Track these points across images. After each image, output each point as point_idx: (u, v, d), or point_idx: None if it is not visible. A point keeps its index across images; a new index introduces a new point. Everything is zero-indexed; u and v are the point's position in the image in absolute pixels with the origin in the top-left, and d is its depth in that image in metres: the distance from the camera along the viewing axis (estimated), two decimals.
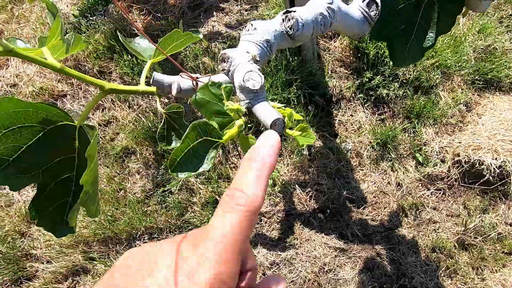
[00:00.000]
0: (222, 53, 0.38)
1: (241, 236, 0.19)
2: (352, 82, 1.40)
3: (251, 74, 0.35)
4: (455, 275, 1.10)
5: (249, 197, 0.20)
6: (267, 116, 0.33)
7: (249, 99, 0.35)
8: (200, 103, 0.37)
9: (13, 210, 1.23)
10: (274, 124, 0.33)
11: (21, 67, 1.52)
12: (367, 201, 1.24)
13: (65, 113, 0.43)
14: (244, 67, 0.36)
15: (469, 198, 1.21)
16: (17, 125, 0.42)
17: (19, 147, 0.43)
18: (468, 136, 1.22)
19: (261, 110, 0.34)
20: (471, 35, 1.41)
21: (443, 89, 1.35)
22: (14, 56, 0.37)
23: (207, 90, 0.37)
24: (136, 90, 0.45)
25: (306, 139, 0.35)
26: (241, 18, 1.56)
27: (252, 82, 0.34)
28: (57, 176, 0.48)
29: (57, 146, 0.46)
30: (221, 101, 0.37)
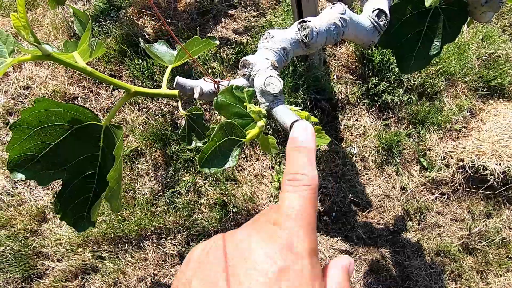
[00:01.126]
0: (244, 59, 0.41)
1: (313, 211, 0.21)
2: (357, 88, 1.43)
3: (271, 79, 0.37)
4: (460, 279, 1.11)
5: (309, 177, 0.22)
6: (287, 118, 0.35)
7: (269, 102, 0.38)
8: (221, 105, 0.40)
9: (25, 209, 1.26)
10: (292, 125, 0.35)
11: (34, 69, 1.56)
12: (372, 205, 1.26)
13: (93, 113, 0.45)
14: (264, 73, 0.39)
15: (473, 203, 1.22)
16: (48, 123, 0.45)
17: (48, 144, 0.46)
18: (472, 142, 1.24)
19: (280, 112, 0.37)
20: (475, 42, 1.44)
21: (447, 95, 1.37)
22: (51, 60, 0.40)
23: (228, 94, 0.40)
24: (159, 93, 0.47)
25: (321, 140, 0.38)
26: (248, 25, 1.60)
27: (272, 86, 0.37)
28: (80, 173, 0.50)
29: (82, 144, 0.48)
30: (242, 103, 0.40)
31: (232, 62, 1.46)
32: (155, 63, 1.47)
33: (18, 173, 0.44)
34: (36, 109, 0.43)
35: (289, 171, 0.23)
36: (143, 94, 0.47)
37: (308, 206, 0.21)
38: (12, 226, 1.22)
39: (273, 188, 1.27)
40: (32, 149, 0.45)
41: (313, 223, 0.21)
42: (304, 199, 0.21)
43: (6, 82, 1.53)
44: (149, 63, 1.46)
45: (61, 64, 0.42)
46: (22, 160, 0.44)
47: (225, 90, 0.40)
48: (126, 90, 0.46)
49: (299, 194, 0.22)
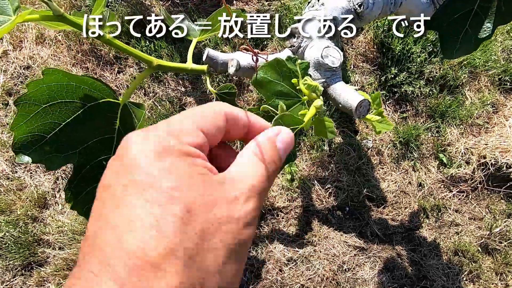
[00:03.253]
0: (293, 27, 0.34)
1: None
2: (374, 78, 1.37)
3: (329, 50, 0.31)
4: (478, 279, 1.07)
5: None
6: (351, 97, 0.29)
7: (325, 77, 0.32)
8: (261, 82, 0.34)
9: (25, 194, 1.20)
10: (359, 105, 0.29)
11: (35, 49, 1.48)
12: (387, 201, 1.21)
13: (110, 88, 0.39)
14: (320, 43, 0.32)
15: (493, 202, 1.18)
16: (58, 100, 0.39)
17: (58, 124, 0.40)
18: (495, 138, 1.19)
19: (340, 90, 0.31)
20: (500, 34, 1.37)
21: (470, 89, 1.31)
22: (62, 22, 0.34)
23: (270, 68, 0.34)
24: (185, 68, 0.41)
25: (384, 126, 0.32)
26: (262, 8, 1.52)
27: (331, 58, 0.31)
28: (93, 158, 0.45)
29: (96, 125, 0.42)
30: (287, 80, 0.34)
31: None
32: (163, 45, 1.39)
33: (24, 155, 0.38)
34: (44, 82, 0.37)
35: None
36: (166, 68, 0.41)
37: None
38: (12, 212, 1.17)
39: (284, 180, 1.22)
40: (40, 128, 0.39)
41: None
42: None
43: (5, 61, 1.46)
44: (156, 45, 1.39)
45: (75, 27, 0.35)
46: (28, 141, 0.38)
47: (267, 64, 0.34)
48: (147, 63, 0.40)
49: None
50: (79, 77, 0.38)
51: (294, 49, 0.34)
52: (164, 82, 1.42)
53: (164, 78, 1.43)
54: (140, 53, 0.40)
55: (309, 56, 0.32)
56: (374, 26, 1.36)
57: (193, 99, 1.40)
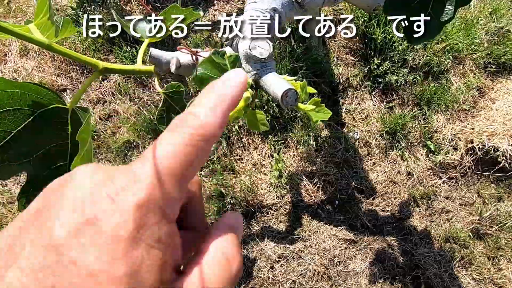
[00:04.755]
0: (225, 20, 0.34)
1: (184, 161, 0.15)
2: (359, 69, 1.36)
3: (257, 42, 0.31)
4: (470, 265, 1.06)
5: (201, 121, 0.15)
6: (277, 87, 0.29)
7: (256, 69, 0.31)
8: (202, 78, 0.34)
9: (15, 207, 1.21)
10: (285, 95, 0.29)
11: (19, 62, 1.49)
12: (377, 191, 1.20)
13: (56, 94, 0.39)
14: (250, 35, 0.32)
15: (483, 186, 1.16)
16: (5, 107, 0.39)
17: (8, 132, 0.40)
18: (481, 122, 1.17)
19: (270, 81, 0.30)
20: (483, 17, 1.35)
21: (455, 74, 1.30)
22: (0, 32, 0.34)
23: (209, 64, 0.34)
24: (132, 70, 0.41)
25: (321, 115, 0.32)
26: (242, 6, 1.51)
27: (259, 50, 0.31)
28: (49, 165, 0.44)
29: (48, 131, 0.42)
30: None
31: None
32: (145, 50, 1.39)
33: None
34: None
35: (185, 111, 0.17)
36: (114, 71, 0.41)
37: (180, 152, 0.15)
38: (3, 225, 1.17)
39: (272, 178, 1.22)
40: None
41: (176, 175, 0.15)
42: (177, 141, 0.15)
43: None
44: (138, 50, 1.39)
45: (12, 35, 0.35)
46: None
47: (206, 60, 0.33)
48: (93, 67, 0.40)
49: (175, 135, 0.15)
50: (23, 83, 0.38)
51: (229, 42, 0.34)
52: (149, 86, 1.42)
53: (149, 83, 1.43)
54: (84, 57, 0.39)
55: (240, 49, 0.31)
56: (355, 16, 1.36)
57: None
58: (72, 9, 1.52)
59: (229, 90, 0.17)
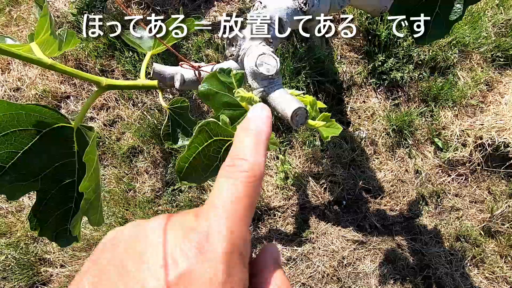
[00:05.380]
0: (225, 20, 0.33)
1: (249, 202, 0.17)
2: (363, 67, 1.34)
3: (264, 57, 0.30)
4: (482, 264, 1.05)
5: (251, 163, 0.17)
6: (287, 106, 0.28)
7: (263, 86, 0.30)
8: (207, 94, 0.33)
9: (24, 216, 1.22)
10: (295, 114, 0.28)
11: (22, 70, 1.50)
12: (384, 191, 1.19)
13: (59, 113, 0.39)
14: (256, 50, 0.31)
15: (493, 183, 1.15)
16: (11, 129, 0.39)
17: (15, 153, 0.40)
18: (491, 117, 1.15)
19: (278, 98, 0.29)
20: (490, 9, 1.32)
21: (462, 68, 1.27)
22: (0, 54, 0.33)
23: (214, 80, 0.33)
24: (135, 85, 0.40)
25: (331, 130, 0.31)
26: (243, 7, 1.50)
27: (266, 66, 0.30)
28: (57, 182, 0.44)
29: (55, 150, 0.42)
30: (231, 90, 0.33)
31: None
32: None
33: None
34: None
35: (231, 154, 0.19)
36: (117, 87, 0.40)
37: (242, 196, 0.17)
38: (12, 234, 1.18)
39: (278, 179, 1.21)
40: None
41: (245, 218, 0.16)
42: (237, 187, 0.17)
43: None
44: (140, 55, 1.39)
45: (12, 57, 0.35)
46: None
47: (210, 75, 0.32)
48: (96, 84, 0.39)
49: (233, 181, 0.17)
50: (27, 105, 0.38)
51: (234, 58, 0.33)
52: (152, 91, 1.42)
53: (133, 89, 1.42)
54: (87, 75, 0.39)
55: (246, 65, 0.31)
56: (358, 13, 1.33)
57: None
58: (72, 16, 1.51)
59: (263, 127, 0.19)
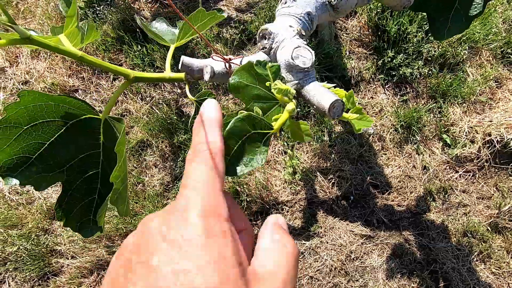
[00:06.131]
0: (263, 28, 0.33)
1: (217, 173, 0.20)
2: (371, 63, 1.34)
3: (300, 50, 0.30)
4: (489, 259, 1.06)
5: (208, 142, 0.22)
6: (324, 98, 0.29)
7: (298, 79, 0.31)
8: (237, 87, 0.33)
9: (35, 207, 1.23)
10: (332, 106, 0.28)
11: (31, 63, 1.50)
12: (392, 186, 1.19)
13: (88, 105, 0.39)
14: (291, 43, 0.31)
15: (501, 180, 1.15)
16: (39, 120, 0.39)
17: (42, 144, 0.41)
18: (499, 114, 1.15)
19: (313, 91, 0.30)
20: (500, 4, 1.32)
21: (471, 65, 1.27)
22: (30, 44, 0.33)
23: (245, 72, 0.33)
24: (163, 78, 0.41)
25: (364, 123, 0.31)
26: (251, 1, 1.49)
27: (302, 59, 0.30)
28: (81, 174, 0.45)
29: (80, 141, 0.43)
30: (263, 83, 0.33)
31: (237, 43, 1.37)
32: (155, 48, 1.39)
33: (11, 178, 0.39)
34: (22, 104, 0.37)
35: (191, 147, 0.22)
36: (144, 79, 0.41)
37: (209, 170, 0.20)
38: (23, 225, 1.20)
39: (286, 174, 1.21)
40: (25, 150, 0.39)
41: (215, 185, 0.20)
42: (202, 164, 0.21)
43: (3, 78, 1.47)
44: (149, 49, 1.38)
45: (46, 48, 0.35)
46: (14, 164, 0.39)
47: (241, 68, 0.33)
48: (124, 76, 0.40)
49: (197, 160, 0.21)
50: (57, 96, 0.38)
51: (266, 51, 0.33)
52: (160, 85, 1.42)
53: (160, 83, 1.43)
54: (116, 67, 0.39)
55: (280, 58, 0.31)
56: (367, 8, 1.33)
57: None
58: (80, 9, 1.51)
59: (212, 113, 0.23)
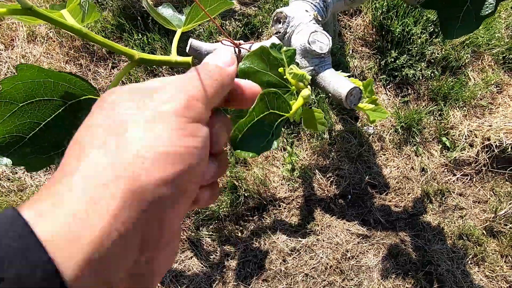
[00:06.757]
0: (278, 11, 0.32)
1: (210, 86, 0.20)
2: (374, 62, 1.33)
3: (316, 35, 0.29)
4: (483, 262, 1.06)
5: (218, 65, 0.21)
6: (340, 85, 0.27)
7: (313, 65, 0.29)
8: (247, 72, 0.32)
9: (26, 195, 1.20)
10: (350, 94, 0.27)
11: (27, 47, 1.46)
12: (390, 187, 1.19)
13: (90, 85, 0.38)
14: (307, 28, 0.30)
15: (498, 184, 1.16)
16: (36, 98, 0.37)
17: (37, 124, 0.39)
18: (499, 119, 1.16)
19: (329, 78, 0.29)
20: (504, 10, 1.32)
21: (473, 69, 1.27)
22: (32, 16, 0.32)
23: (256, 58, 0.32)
24: (169, 61, 0.39)
25: (378, 114, 0.30)
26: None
27: (319, 44, 0.29)
28: None
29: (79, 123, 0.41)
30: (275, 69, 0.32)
31: (240, 36, 1.35)
32: (156, 38, 1.36)
33: (2, 157, 0.37)
34: (20, 79, 0.35)
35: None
36: (149, 62, 0.39)
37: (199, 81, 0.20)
38: None
39: (285, 171, 1.21)
40: (19, 128, 0.37)
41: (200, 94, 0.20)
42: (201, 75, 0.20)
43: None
44: (149, 38, 1.36)
45: (47, 21, 0.33)
46: (7, 142, 0.37)
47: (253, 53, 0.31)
48: (129, 57, 0.38)
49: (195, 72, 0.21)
50: (57, 73, 0.36)
51: (280, 35, 0.32)
52: (159, 75, 1.39)
53: (159, 72, 1.40)
54: (120, 47, 0.37)
55: (295, 43, 0.30)
56: (372, 7, 1.32)
57: None
58: None
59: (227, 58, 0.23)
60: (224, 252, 1.10)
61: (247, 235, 1.12)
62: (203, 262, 1.08)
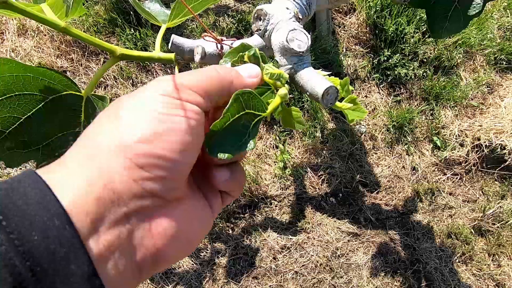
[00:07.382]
0: (258, 9, 0.32)
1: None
2: (367, 61, 1.33)
3: (295, 33, 0.29)
4: (471, 261, 1.08)
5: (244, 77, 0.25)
6: (317, 84, 0.27)
7: (292, 63, 0.29)
8: None
9: None
10: (326, 93, 0.27)
11: (17, 41, 1.44)
12: (381, 186, 1.20)
13: (71, 80, 0.37)
14: (286, 26, 0.30)
15: (487, 184, 1.17)
16: (15, 92, 0.37)
17: (17, 118, 0.38)
18: (489, 119, 1.17)
19: (307, 76, 0.28)
20: (497, 11, 1.32)
21: (465, 69, 1.28)
22: (8, 10, 0.31)
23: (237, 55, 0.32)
24: (151, 57, 0.39)
25: (357, 113, 0.30)
26: None
27: (297, 42, 0.28)
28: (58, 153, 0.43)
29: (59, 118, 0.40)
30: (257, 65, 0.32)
31: (233, 32, 1.34)
32: (149, 33, 1.35)
33: None
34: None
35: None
36: (131, 57, 0.39)
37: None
38: None
39: (277, 168, 1.21)
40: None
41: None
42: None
43: None
44: (142, 33, 1.35)
45: (25, 15, 0.33)
46: None
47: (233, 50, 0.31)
48: (110, 52, 0.38)
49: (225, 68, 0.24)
50: (36, 68, 0.36)
51: (261, 33, 0.32)
52: (152, 71, 1.38)
53: (152, 68, 1.39)
54: (100, 42, 0.37)
55: (275, 40, 0.29)
56: (366, 6, 1.32)
57: None
58: None
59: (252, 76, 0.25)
60: (215, 249, 1.10)
61: (238, 232, 1.12)
62: (194, 259, 1.08)
